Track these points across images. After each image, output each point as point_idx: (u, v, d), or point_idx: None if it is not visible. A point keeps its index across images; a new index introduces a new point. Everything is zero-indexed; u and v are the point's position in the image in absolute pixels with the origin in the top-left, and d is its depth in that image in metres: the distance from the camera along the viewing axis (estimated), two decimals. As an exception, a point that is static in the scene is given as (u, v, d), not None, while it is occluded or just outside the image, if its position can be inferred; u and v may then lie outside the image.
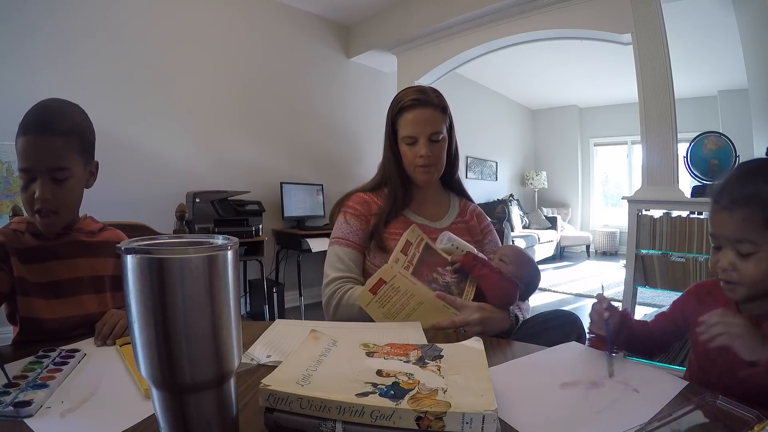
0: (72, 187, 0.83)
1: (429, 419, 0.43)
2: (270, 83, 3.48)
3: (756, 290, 0.62)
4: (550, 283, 4.51)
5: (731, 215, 0.61)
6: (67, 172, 0.81)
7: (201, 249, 0.39)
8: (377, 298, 0.89)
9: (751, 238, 0.60)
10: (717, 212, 0.64)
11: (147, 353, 0.39)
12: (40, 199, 0.78)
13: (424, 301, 0.88)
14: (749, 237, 0.60)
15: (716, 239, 0.65)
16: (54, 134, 0.78)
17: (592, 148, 7.20)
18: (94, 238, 0.92)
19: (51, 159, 0.79)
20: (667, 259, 2.15)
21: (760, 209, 0.59)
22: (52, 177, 0.79)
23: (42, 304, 0.82)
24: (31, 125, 0.77)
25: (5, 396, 0.54)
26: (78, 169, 0.83)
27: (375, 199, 1.13)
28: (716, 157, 2.14)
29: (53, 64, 2.38)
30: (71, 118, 0.83)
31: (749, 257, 0.60)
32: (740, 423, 0.48)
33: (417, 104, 1.06)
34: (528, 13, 3.02)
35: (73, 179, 0.82)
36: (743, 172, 0.64)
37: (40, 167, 0.78)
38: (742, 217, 0.60)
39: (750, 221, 0.59)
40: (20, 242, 0.84)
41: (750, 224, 0.60)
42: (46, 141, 0.78)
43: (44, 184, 0.78)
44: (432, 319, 0.88)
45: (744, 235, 0.60)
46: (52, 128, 0.78)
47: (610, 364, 0.66)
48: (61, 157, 0.80)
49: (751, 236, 0.60)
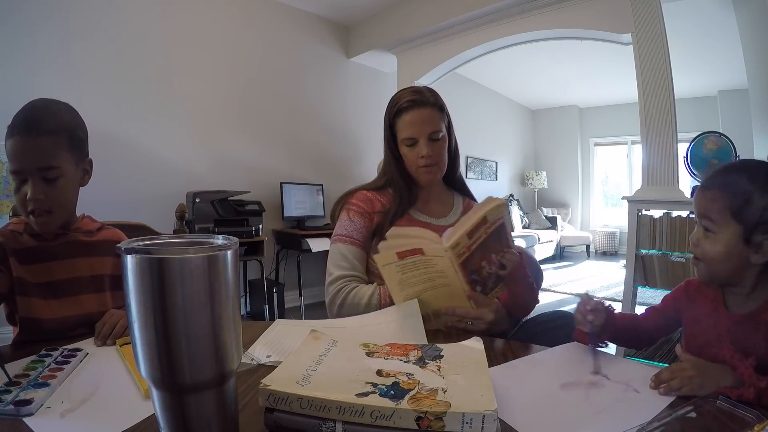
0: (64, 186, 0.82)
1: (429, 419, 0.43)
2: (270, 83, 3.48)
3: (712, 271, 0.67)
4: (550, 283, 4.51)
5: (704, 193, 0.68)
6: (57, 170, 0.80)
7: (201, 249, 0.39)
8: (401, 264, 0.82)
9: (712, 216, 0.65)
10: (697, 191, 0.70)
11: (147, 353, 0.39)
12: (32, 199, 0.78)
13: (452, 288, 0.83)
14: (711, 215, 0.66)
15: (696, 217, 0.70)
16: (41, 133, 0.77)
17: (592, 148, 7.20)
18: (93, 238, 0.92)
19: (39, 158, 0.78)
20: (667, 259, 2.15)
21: (728, 194, 0.64)
22: (43, 177, 0.78)
23: (41, 304, 0.82)
24: (18, 126, 0.77)
25: (6, 394, 0.54)
26: (69, 168, 0.82)
27: (379, 198, 1.13)
28: (716, 157, 2.14)
29: (53, 64, 2.39)
30: (58, 117, 0.82)
31: (709, 236, 0.66)
32: (740, 423, 0.48)
33: (414, 105, 1.06)
34: (528, 13, 3.02)
35: (64, 178, 0.81)
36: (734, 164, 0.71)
37: (29, 167, 0.77)
38: (711, 196, 0.66)
39: (716, 201, 0.65)
40: (19, 243, 0.84)
41: (715, 204, 0.65)
42: (33, 141, 0.77)
43: (35, 184, 0.78)
44: (445, 302, 0.86)
45: (708, 212, 0.66)
46: (39, 127, 0.77)
47: (596, 360, 0.68)
48: (49, 156, 0.79)
49: (712, 214, 0.65)
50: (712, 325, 0.69)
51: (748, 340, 0.63)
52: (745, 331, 0.64)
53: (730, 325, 0.66)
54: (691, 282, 0.77)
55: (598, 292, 4.21)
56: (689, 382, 0.57)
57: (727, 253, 0.64)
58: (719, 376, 0.57)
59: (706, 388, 0.56)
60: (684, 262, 2.09)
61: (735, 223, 0.63)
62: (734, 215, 0.63)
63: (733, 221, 0.63)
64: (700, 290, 0.73)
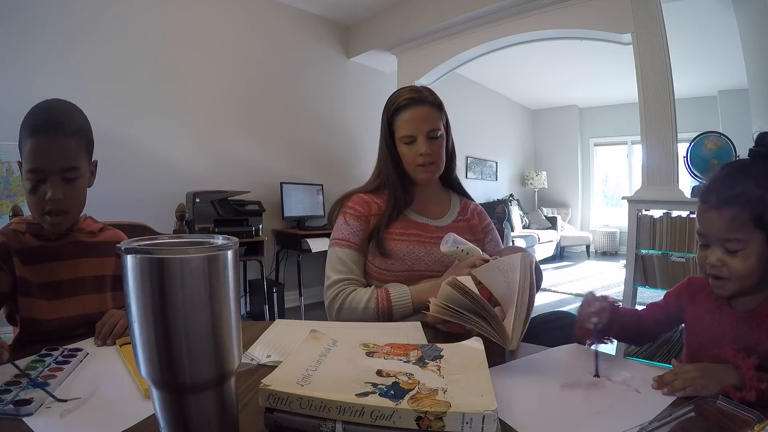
0: (81, 187, 0.84)
1: (429, 419, 0.43)
2: (270, 83, 3.48)
3: (744, 285, 0.64)
4: (550, 283, 4.51)
5: (719, 214, 0.63)
6: (78, 171, 0.82)
7: (201, 249, 0.39)
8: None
9: (738, 236, 0.62)
10: (705, 212, 0.66)
11: (147, 353, 0.39)
12: (53, 199, 0.79)
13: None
14: (737, 235, 0.62)
15: (704, 237, 0.67)
16: (65, 134, 0.79)
17: (592, 148, 7.20)
18: (95, 239, 0.92)
19: (63, 159, 0.79)
20: (667, 259, 2.15)
21: (746, 208, 0.61)
22: (64, 177, 0.80)
23: (43, 304, 0.82)
24: (41, 127, 0.78)
25: (6, 394, 0.54)
26: (85, 169, 0.85)
27: (375, 200, 1.12)
28: (716, 157, 2.14)
29: (53, 64, 2.39)
30: (78, 119, 0.84)
31: (737, 253, 0.63)
32: (740, 423, 0.48)
33: (412, 103, 1.06)
34: (528, 13, 3.02)
35: (81, 179, 0.84)
36: (729, 172, 0.67)
37: (52, 168, 0.79)
38: (729, 216, 0.62)
39: (737, 220, 0.62)
40: (21, 243, 0.84)
41: (737, 223, 0.62)
42: (59, 141, 0.78)
43: (55, 184, 0.79)
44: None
45: (732, 233, 0.63)
46: (63, 128, 0.79)
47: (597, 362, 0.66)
48: (72, 157, 0.81)
49: (738, 234, 0.62)
50: (716, 323, 0.68)
51: (751, 336, 0.63)
52: (749, 328, 0.64)
53: (734, 321, 0.66)
54: (693, 279, 0.76)
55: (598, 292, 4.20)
56: (692, 383, 0.56)
57: (758, 263, 0.62)
58: (723, 376, 0.57)
59: (710, 389, 0.56)
60: (684, 262, 2.09)
61: (758, 231, 0.61)
62: (757, 225, 0.61)
63: (757, 231, 0.61)
64: (703, 288, 0.73)
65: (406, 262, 1.04)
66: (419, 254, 1.05)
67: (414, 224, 1.10)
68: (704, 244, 0.67)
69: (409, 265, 1.04)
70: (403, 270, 1.04)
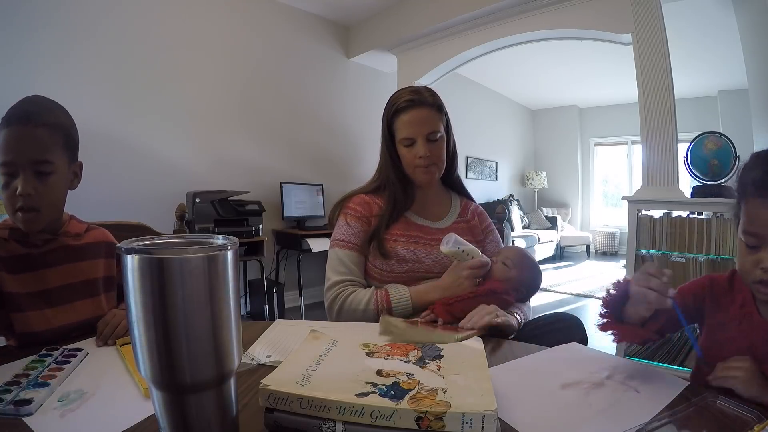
0: (55, 184, 0.79)
1: (429, 419, 0.43)
2: (270, 83, 3.48)
3: None
4: (551, 284, 4.51)
5: None
6: (51, 166, 0.77)
7: (201, 249, 0.39)
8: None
9: None
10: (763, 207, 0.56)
11: (147, 353, 0.39)
12: (23, 194, 0.74)
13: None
14: None
15: (756, 237, 0.57)
16: (38, 125, 0.75)
17: (592, 148, 7.20)
18: (81, 241, 0.89)
19: (35, 150, 0.75)
20: (667, 259, 2.15)
21: None
22: (36, 170, 0.75)
23: (36, 315, 0.79)
24: (14, 117, 0.74)
25: (6, 394, 0.54)
26: (62, 166, 0.80)
27: (376, 200, 1.12)
28: (716, 157, 2.14)
29: (53, 64, 2.38)
30: (56, 113, 0.80)
31: None
32: (740, 423, 0.48)
33: (412, 105, 1.06)
34: (528, 13, 3.02)
35: (56, 175, 0.78)
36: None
37: (22, 159, 0.74)
38: None
39: None
40: (6, 250, 0.79)
41: None
42: (31, 132, 0.74)
43: (26, 178, 0.74)
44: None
45: None
46: (37, 119, 0.75)
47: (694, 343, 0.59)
48: (45, 149, 0.76)
49: None
50: (744, 333, 0.63)
51: None
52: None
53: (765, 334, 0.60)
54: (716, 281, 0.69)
55: (598, 292, 4.21)
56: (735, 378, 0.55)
57: None
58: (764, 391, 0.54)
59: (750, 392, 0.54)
60: (684, 262, 2.09)
61: None
62: None
63: None
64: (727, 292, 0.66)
65: (407, 264, 1.04)
66: (419, 255, 1.05)
67: (414, 226, 1.10)
68: (754, 245, 0.58)
69: (410, 266, 1.04)
70: (403, 271, 1.04)
